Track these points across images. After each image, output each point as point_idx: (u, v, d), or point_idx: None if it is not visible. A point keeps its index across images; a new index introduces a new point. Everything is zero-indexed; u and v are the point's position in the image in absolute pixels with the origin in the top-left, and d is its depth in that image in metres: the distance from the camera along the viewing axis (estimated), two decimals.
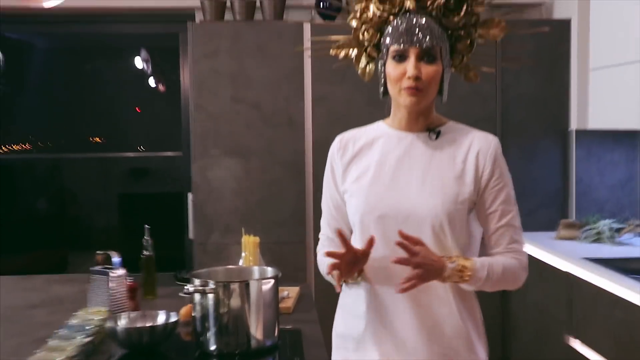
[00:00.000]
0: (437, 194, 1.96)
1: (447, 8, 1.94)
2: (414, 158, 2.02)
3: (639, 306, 3.21)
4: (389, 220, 1.97)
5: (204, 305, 2.32)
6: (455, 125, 2.08)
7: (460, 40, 2.00)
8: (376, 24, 2.02)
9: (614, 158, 4.70)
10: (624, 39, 3.98)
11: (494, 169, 1.99)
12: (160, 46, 5.66)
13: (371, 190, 2.03)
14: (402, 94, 1.97)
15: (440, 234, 1.96)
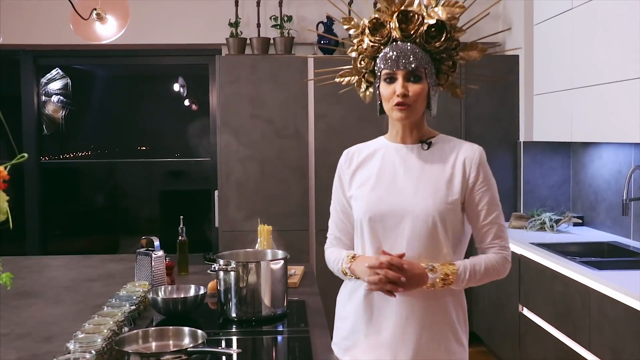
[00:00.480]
0: (430, 195, 1.85)
1: (430, 35, 1.86)
2: (409, 166, 1.91)
3: (574, 280, 3.18)
4: (389, 218, 1.87)
5: (227, 280, 2.30)
6: (444, 137, 1.98)
7: (443, 61, 1.91)
8: (370, 53, 1.94)
9: (553, 164, 4.68)
10: (559, 72, 3.95)
11: (478, 174, 1.89)
12: (193, 74, 5.66)
13: (373, 194, 1.92)
14: (393, 110, 1.88)
15: (433, 231, 1.84)
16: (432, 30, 1.86)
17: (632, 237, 3.83)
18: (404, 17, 1.87)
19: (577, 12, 3.80)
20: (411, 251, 1.84)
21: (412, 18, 1.86)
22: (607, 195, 4.11)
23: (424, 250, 1.85)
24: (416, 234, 1.85)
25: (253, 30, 4.87)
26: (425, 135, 1.96)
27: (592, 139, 3.72)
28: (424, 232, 1.84)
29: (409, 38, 1.87)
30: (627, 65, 3.27)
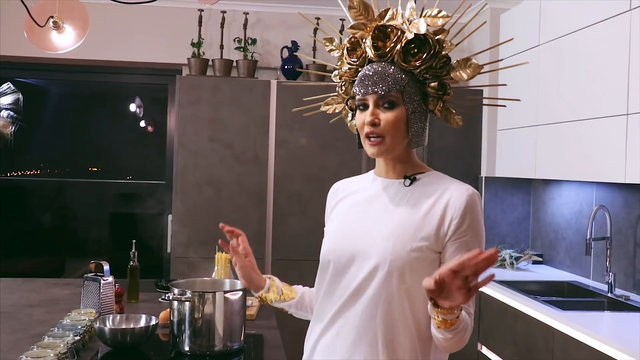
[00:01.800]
0: (391, 238, 1.55)
1: (409, 52, 1.58)
2: (382, 203, 1.63)
3: (536, 320, 3.11)
4: (343, 259, 1.61)
5: (181, 311, 2.16)
6: (435, 175, 1.67)
7: (428, 83, 1.61)
8: (349, 77, 1.69)
9: (514, 200, 4.65)
10: (523, 109, 3.94)
11: (462, 221, 1.54)
12: (151, 94, 5.51)
13: (337, 231, 1.67)
14: (365, 143, 1.61)
15: (390, 281, 1.53)
16: (412, 47, 1.59)
17: (591, 277, 3.79)
18: (380, 34, 1.61)
19: (543, 49, 3.80)
20: (362, 298, 1.56)
21: (390, 34, 1.60)
22: (567, 234, 4.09)
23: (379, 302, 1.55)
24: (370, 282, 1.55)
25: (216, 52, 4.76)
26: (413, 170, 1.66)
27: (555, 176, 3.69)
28: (378, 280, 1.54)
29: (385, 57, 1.60)
30: (592, 103, 3.26)
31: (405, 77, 1.59)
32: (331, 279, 1.64)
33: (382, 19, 1.64)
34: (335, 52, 1.75)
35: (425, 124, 1.65)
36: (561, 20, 3.61)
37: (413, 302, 1.55)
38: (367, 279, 1.56)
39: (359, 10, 1.65)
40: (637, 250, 3.37)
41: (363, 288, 1.56)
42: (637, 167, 2.90)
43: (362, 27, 1.65)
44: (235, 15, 4.81)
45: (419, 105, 1.61)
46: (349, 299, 1.58)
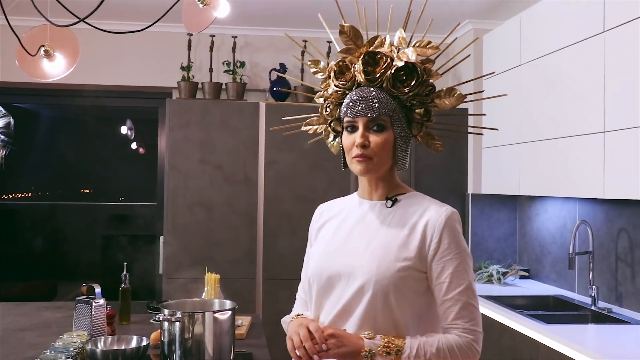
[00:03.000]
0: (376, 258, 1.59)
1: (398, 79, 1.65)
2: (366, 224, 1.68)
3: (522, 334, 3.16)
4: (330, 280, 1.65)
5: (171, 331, 2.19)
6: (415, 195, 1.72)
7: (414, 109, 1.68)
8: (335, 99, 1.74)
9: (500, 216, 4.72)
10: (507, 127, 4.02)
11: (441, 240, 1.59)
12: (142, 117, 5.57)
13: (322, 253, 1.71)
14: (353, 162, 1.66)
15: (375, 300, 1.58)
16: (401, 74, 1.65)
17: (576, 291, 3.86)
18: (370, 60, 1.67)
19: (525, 68, 3.89)
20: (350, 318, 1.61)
21: (380, 60, 1.67)
22: (552, 248, 4.15)
23: (364, 322, 1.59)
24: (355, 301, 1.60)
25: (205, 75, 4.84)
26: (394, 191, 1.72)
27: (539, 192, 3.76)
28: (363, 300, 1.59)
29: (375, 82, 1.66)
30: (571, 121, 3.34)
31: (393, 102, 1.65)
32: (317, 300, 1.69)
33: (371, 45, 1.71)
34: (320, 74, 1.81)
35: (408, 148, 1.71)
36: (540, 41, 3.71)
37: (398, 320, 1.60)
38: (354, 299, 1.61)
39: (349, 35, 1.72)
40: (619, 263, 3.44)
41: (351, 308, 1.61)
42: (615, 183, 2.98)
43: (351, 52, 1.72)
44: (224, 38, 4.89)
45: (404, 130, 1.68)
46: (336, 318, 1.63)
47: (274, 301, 4.43)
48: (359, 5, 1.80)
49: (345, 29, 1.72)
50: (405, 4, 1.78)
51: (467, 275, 1.61)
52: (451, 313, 1.59)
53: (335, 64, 1.73)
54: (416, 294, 1.62)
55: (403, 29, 1.74)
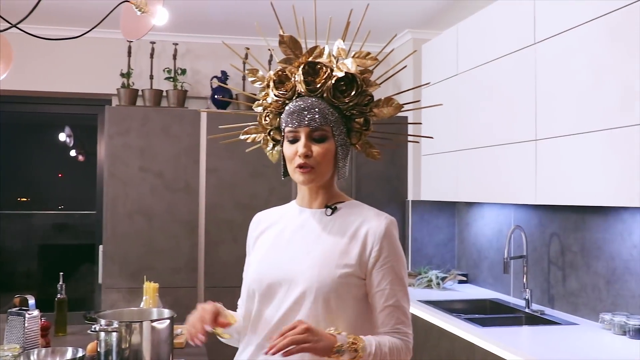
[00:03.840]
0: (317, 265, 1.62)
1: (338, 90, 1.67)
2: (307, 231, 1.70)
3: (459, 337, 3.23)
4: (271, 286, 1.66)
5: (108, 342, 2.17)
6: (354, 204, 1.75)
7: (354, 118, 1.71)
8: (275, 108, 1.74)
9: (439, 223, 4.81)
10: (445, 134, 4.11)
11: (382, 249, 1.64)
12: (82, 124, 5.47)
13: (263, 260, 1.72)
14: (295, 172, 1.67)
15: (315, 305, 1.60)
16: (341, 84, 1.68)
17: (512, 294, 3.96)
18: (310, 70, 1.68)
19: (461, 78, 3.99)
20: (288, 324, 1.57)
21: (320, 70, 1.68)
22: (489, 253, 4.26)
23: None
24: (297, 307, 1.61)
25: (145, 82, 4.79)
26: (334, 199, 1.75)
27: (476, 199, 3.86)
28: (305, 306, 1.60)
29: (315, 92, 1.68)
30: (507, 129, 3.44)
31: (334, 112, 1.68)
32: (258, 307, 1.69)
33: (310, 55, 1.73)
34: (258, 83, 1.82)
35: (348, 157, 1.74)
36: (476, 52, 3.81)
37: (337, 325, 1.61)
38: (294, 306, 1.62)
39: (288, 45, 1.73)
40: (551, 267, 3.56)
41: (292, 314, 1.62)
42: (547, 189, 3.08)
43: (291, 61, 1.74)
44: (165, 45, 4.86)
45: (345, 139, 1.71)
46: (277, 325, 1.62)
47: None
48: (298, 15, 1.82)
49: (284, 39, 1.73)
50: (343, 13, 1.80)
51: (405, 282, 1.68)
52: (392, 318, 1.64)
53: (274, 74, 1.74)
54: (355, 300, 1.65)
55: (342, 40, 1.77)
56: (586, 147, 2.79)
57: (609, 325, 2.96)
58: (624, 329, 2.86)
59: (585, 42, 2.82)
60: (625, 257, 2.99)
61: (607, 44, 2.67)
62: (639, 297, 2.91)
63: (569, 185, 2.91)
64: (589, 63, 2.79)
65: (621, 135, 2.57)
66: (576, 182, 2.86)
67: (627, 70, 2.56)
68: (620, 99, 2.59)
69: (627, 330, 2.83)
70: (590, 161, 2.76)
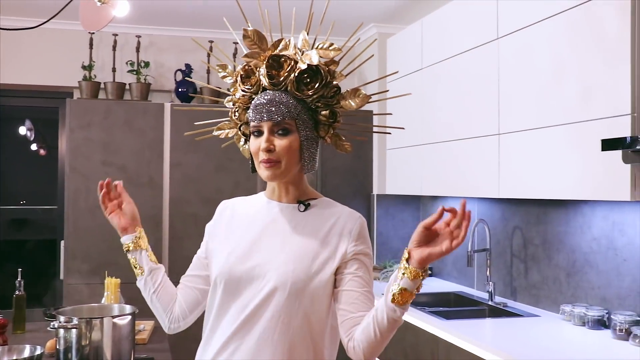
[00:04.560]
0: (291, 261, 1.60)
1: (302, 82, 1.65)
2: (278, 226, 1.68)
3: (423, 330, 3.26)
4: (243, 280, 1.62)
5: (67, 339, 2.14)
6: (326, 201, 1.74)
7: (320, 111, 1.69)
8: (243, 103, 1.73)
9: (404, 216, 4.84)
10: (409, 129, 4.13)
11: (357, 245, 1.64)
12: (43, 117, 5.37)
13: (233, 251, 1.68)
14: (260, 167, 1.65)
15: (289, 302, 1.58)
16: (305, 77, 1.65)
17: (475, 287, 4.01)
18: (275, 63, 1.67)
19: (426, 72, 4.01)
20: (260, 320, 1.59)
21: (284, 63, 1.66)
22: None
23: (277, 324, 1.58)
24: (269, 303, 1.59)
25: (108, 75, 4.73)
26: (305, 195, 1.74)
27: (439, 192, 3.89)
28: (277, 302, 1.58)
29: (279, 86, 1.66)
30: (471, 123, 3.47)
31: (298, 105, 1.65)
32: (222, 301, 1.65)
33: (275, 48, 1.70)
34: (228, 79, 1.80)
35: (316, 150, 1.72)
36: (440, 46, 3.84)
37: (311, 323, 1.61)
38: (265, 302, 1.59)
39: (253, 39, 1.71)
40: (514, 259, 3.61)
41: (261, 310, 1.59)
42: (510, 183, 3.12)
43: (256, 55, 1.71)
44: (128, 37, 4.80)
45: (311, 132, 1.68)
46: (246, 320, 1.60)
47: None
48: (262, 8, 1.80)
49: (249, 34, 1.71)
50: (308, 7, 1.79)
51: (372, 281, 1.67)
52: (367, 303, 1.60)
53: (242, 68, 1.72)
54: (328, 297, 1.63)
55: (306, 32, 1.75)
56: (547, 142, 2.83)
57: (569, 316, 3.01)
58: (583, 320, 2.91)
59: (546, 37, 2.85)
60: (585, 250, 3.05)
61: (568, 40, 2.71)
62: (598, 289, 2.96)
63: (531, 179, 2.95)
64: (550, 58, 2.82)
65: (581, 130, 2.62)
66: (538, 176, 2.90)
67: (586, 66, 2.60)
68: (579, 94, 2.63)
69: (587, 322, 2.88)
70: (551, 155, 2.80)
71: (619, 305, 2.84)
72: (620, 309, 2.81)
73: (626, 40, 2.38)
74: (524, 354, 2.51)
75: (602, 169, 2.48)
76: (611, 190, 2.44)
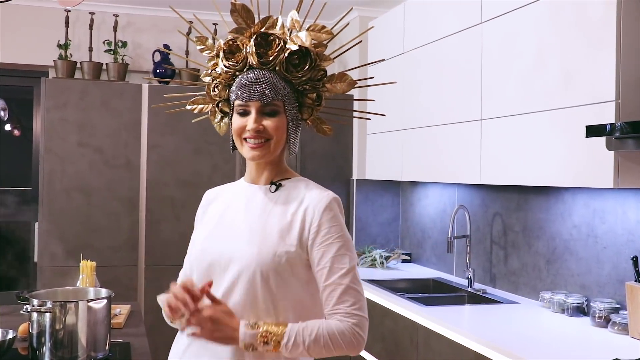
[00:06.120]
0: (256, 244, 1.56)
1: (291, 63, 1.62)
2: (250, 209, 1.64)
3: (402, 316, 3.24)
4: (212, 266, 1.59)
5: (41, 322, 2.07)
6: (299, 180, 1.69)
7: (307, 94, 1.66)
8: (225, 80, 1.68)
9: (384, 202, 4.81)
10: (390, 113, 4.09)
11: (320, 225, 1.56)
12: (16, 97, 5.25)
13: (206, 238, 1.66)
14: (244, 147, 1.62)
15: (254, 286, 1.53)
16: (295, 58, 1.62)
17: (454, 273, 4.00)
18: (263, 41, 1.62)
19: (408, 56, 3.97)
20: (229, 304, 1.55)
21: (272, 42, 1.62)
22: (432, 233, 4.29)
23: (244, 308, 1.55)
24: (235, 288, 1.55)
25: (84, 54, 4.62)
26: (280, 175, 1.69)
27: (420, 178, 3.86)
28: (242, 285, 1.54)
29: (268, 65, 1.62)
30: (450, 110, 3.44)
31: (286, 86, 1.62)
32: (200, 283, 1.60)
33: (263, 25, 1.66)
34: (207, 52, 1.74)
35: (299, 133, 1.69)
36: (423, 30, 3.79)
37: (277, 305, 1.56)
38: (233, 285, 1.56)
39: (240, 14, 1.66)
40: (493, 246, 3.60)
41: (230, 294, 1.56)
42: (491, 169, 3.10)
43: (242, 31, 1.66)
44: (105, 16, 4.69)
45: (296, 114, 1.66)
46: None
47: (156, 288, 4.28)
48: None
49: (237, 7, 1.66)
50: None
51: (349, 260, 1.56)
52: (332, 298, 1.53)
53: (224, 43, 1.66)
54: (299, 281, 1.58)
55: (297, 11, 1.70)
56: (530, 128, 2.81)
57: (549, 303, 3.01)
58: (562, 307, 2.91)
59: (529, 22, 2.82)
60: (565, 237, 3.04)
61: (552, 25, 2.68)
62: (577, 276, 2.96)
63: (513, 166, 2.93)
64: (534, 44, 2.79)
65: (563, 116, 2.59)
66: (520, 162, 2.88)
67: (569, 51, 2.57)
68: (563, 80, 2.60)
69: (566, 309, 2.88)
70: (534, 142, 2.78)
71: (598, 293, 2.84)
72: (600, 297, 2.81)
73: (611, 25, 2.35)
74: (504, 340, 2.49)
75: (585, 156, 2.47)
76: (594, 177, 2.43)
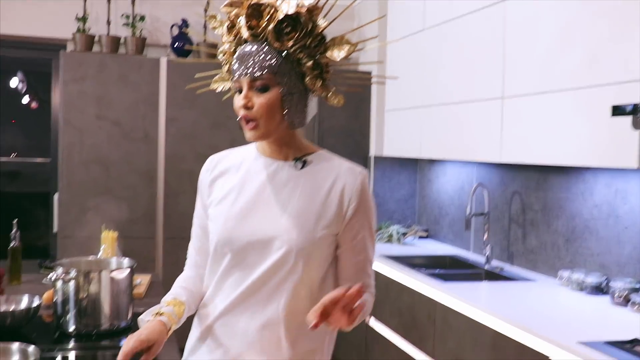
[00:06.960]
0: (296, 226, 1.52)
1: (282, 32, 1.50)
2: (277, 186, 1.58)
3: (420, 292, 3.25)
4: (244, 246, 1.55)
5: (65, 291, 2.11)
6: (324, 155, 1.64)
7: (302, 63, 1.54)
8: (230, 55, 1.60)
9: (401, 179, 4.81)
10: (409, 90, 4.08)
11: (358, 205, 1.56)
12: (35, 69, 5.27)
13: (231, 214, 1.58)
14: (243, 127, 1.55)
15: (295, 266, 1.52)
16: (284, 26, 1.50)
17: (471, 250, 4.00)
18: (255, 12, 1.51)
19: (429, 33, 3.94)
20: (264, 286, 1.54)
21: (264, 12, 1.51)
22: (450, 210, 4.28)
23: (283, 290, 1.54)
24: (276, 270, 1.53)
25: (102, 27, 4.61)
26: (301, 150, 1.62)
27: (439, 156, 3.85)
28: (286, 268, 1.53)
29: (259, 37, 1.52)
30: (471, 87, 3.42)
31: (278, 57, 1.52)
32: (228, 266, 1.58)
33: None
34: (219, 30, 1.66)
35: (304, 104, 1.59)
36: (444, 7, 3.75)
37: (316, 287, 1.57)
38: (275, 268, 1.54)
39: None
40: (512, 224, 3.59)
41: (269, 278, 1.54)
42: (512, 148, 3.08)
43: (237, 4, 1.57)
44: None
45: (295, 86, 1.55)
46: (251, 286, 1.55)
47: (174, 260, 4.36)
48: None
49: None
50: None
51: (374, 237, 1.64)
52: (363, 272, 1.61)
53: (227, 18, 1.59)
54: (327, 259, 1.59)
55: None
56: (553, 107, 2.78)
57: (567, 282, 3.00)
58: (581, 286, 2.90)
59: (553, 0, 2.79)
60: (586, 217, 3.03)
61: (576, 3, 2.65)
62: (597, 255, 2.96)
63: (535, 145, 2.91)
64: (558, 22, 2.76)
65: (587, 96, 2.57)
66: (542, 141, 2.86)
67: (594, 30, 2.54)
68: (587, 59, 2.58)
69: (584, 287, 2.87)
70: (556, 121, 2.76)
71: (618, 272, 2.83)
72: (620, 276, 2.81)
73: (637, 3, 2.32)
74: (523, 316, 2.50)
75: (608, 136, 2.45)
76: (618, 157, 2.41)
